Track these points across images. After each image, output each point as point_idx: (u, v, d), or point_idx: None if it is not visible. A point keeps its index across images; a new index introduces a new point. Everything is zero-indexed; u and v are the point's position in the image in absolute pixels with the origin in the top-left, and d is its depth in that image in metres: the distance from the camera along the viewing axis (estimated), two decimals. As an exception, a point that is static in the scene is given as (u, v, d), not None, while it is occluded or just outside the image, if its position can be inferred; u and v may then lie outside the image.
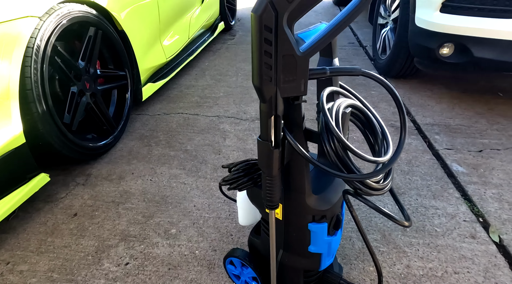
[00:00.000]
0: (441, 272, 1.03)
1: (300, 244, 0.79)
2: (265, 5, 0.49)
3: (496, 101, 2.03)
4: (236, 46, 3.21)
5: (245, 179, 0.73)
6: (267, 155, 0.62)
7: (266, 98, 0.56)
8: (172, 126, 1.85)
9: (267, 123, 0.59)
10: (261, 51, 0.52)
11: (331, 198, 0.75)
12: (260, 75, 0.54)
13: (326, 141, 0.64)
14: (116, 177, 1.48)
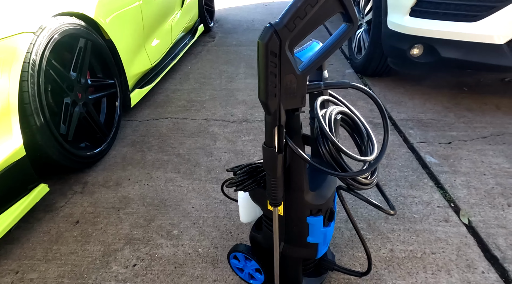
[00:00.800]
0: (420, 253, 1.16)
1: (299, 236, 0.88)
2: (271, 34, 0.58)
3: (462, 96, 2.21)
4: (217, 48, 3.27)
5: (250, 181, 0.81)
6: (272, 159, 0.71)
7: (271, 111, 0.65)
8: (162, 131, 1.91)
9: (272, 132, 0.68)
10: (268, 72, 0.60)
11: (325, 194, 0.85)
12: (267, 92, 0.63)
13: (322, 144, 0.74)
14: (113, 183, 1.52)
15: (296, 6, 0.57)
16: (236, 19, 4.36)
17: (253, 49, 3.20)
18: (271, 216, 0.90)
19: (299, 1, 0.57)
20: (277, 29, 0.57)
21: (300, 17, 0.58)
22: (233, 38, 3.57)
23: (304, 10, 0.57)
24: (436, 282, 1.07)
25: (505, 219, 1.28)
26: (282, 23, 0.58)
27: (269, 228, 0.93)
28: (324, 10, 0.59)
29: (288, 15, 0.57)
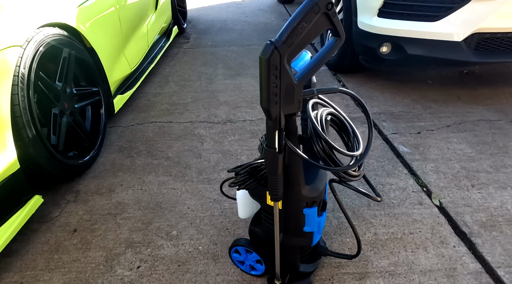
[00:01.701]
0: (400, 234, 1.30)
1: (297, 226, 0.98)
2: (272, 50, 0.66)
3: (427, 88, 2.40)
4: (193, 49, 3.30)
5: (251, 180, 0.89)
6: (274, 159, 0.79)
7: (273, 117, 0.73)
8: (148, 136, 1.94)
9: (273, 135, 0.76)
10: (270, 83, 0.68)
11: (318, 187, 0.95)
12: (269, 100, 0.71)
13: (316, 143, 0.83)
14: (106, 190, 1.55)
15: (293, 25, 0.65)
16: (208, 19, 4.38)
17: (229, 49, 3.25)
18: (270, 210, 0.98)
19: (296, 21, 0.65)
20: (278, 45, 0.65)
21: (297, 35, 0.66)
22: (208, 39, 3.60)
23: (300, 28, 0.66)
24: (416, 258, 1.20)
25: (470, 199, 1.45)
26: (281, 40, 0.66)
27: (268, 221, 1.01)
28: (316, 27, 0.68)
29: (287, 33, 0.66)
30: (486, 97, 2.24)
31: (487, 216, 1.36)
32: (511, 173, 1.57)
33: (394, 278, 1.14)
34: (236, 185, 0.91)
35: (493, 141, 1.81)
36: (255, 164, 0.91)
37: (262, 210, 1.02)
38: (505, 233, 1.28)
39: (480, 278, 1.12)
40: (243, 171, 0.90)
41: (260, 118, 2.07)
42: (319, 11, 0.66)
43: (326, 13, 0.67)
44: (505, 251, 1.21)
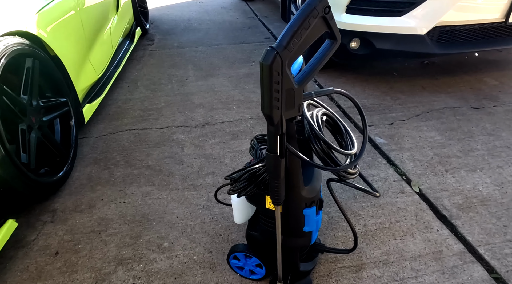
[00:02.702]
0: (388, 223, 1.35)
1: (297, 227, 0.98)
2: (274, 56, 0.65)
3: (394, 80, 2.51)
4: (159, 51, 3.19)
5: (252, 186, 0.88)
6: (276, 165, 0.79)
7: (275, 122, 0.73)
8: (124, 145, 1.85)
9: (275, 140, 0.76)
10: (272, 89, 0.68)
11: (316, 187, 0.96)
12: (271, 106, 0.70)
13: (314, 143, 0.84)
14: (85, 206, 1.46)
15: (294, 30, 0.65)
16: (171, 19, 4.26)
17: (197, 50, 3.19)
18: (269, 214, 0.98)
19: (296, 25, 0.65)
20: (279, 51, 0.65)
21: (297, 39, 0.66)
22: (173, 39, 3.50)
23: (300, 33, 0.66)
24: (405, 245, 1.26)
25: (445, 183, 1.54)
26: (282, 45, 0.65)
27: (267, 224, 1.01)
28: (314, 31, 0.68)
29: (287, 38, 0.65)
30: (447, 85, 2.39)
31: (462, 198, 1.45)
32: (478, 156, 1.69)
33: (388, 266, 1.18)
34: (235, 192, 0.90)
35: (459, 127, 1.93)
36: (252, 169, 0.90)
37: (260, 214, 1.02)
38: (480, 213, 1.38)
39: (464, 258, 1.20)
40: (241, 177, 0.89)
41: (238, 120, 2.06)
42: (317, 15, 0.66)
43: (324, 17, 0.67)
44: (483, 230, 1.30)
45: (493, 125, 1.93)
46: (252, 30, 3.71)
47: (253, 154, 1.04)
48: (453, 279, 1.13)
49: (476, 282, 1.12)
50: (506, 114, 2.01)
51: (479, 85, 2.36)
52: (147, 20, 3.80)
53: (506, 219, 1.35)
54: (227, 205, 1.19)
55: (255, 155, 1.02)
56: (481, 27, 1.96)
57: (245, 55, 3.01)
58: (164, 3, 5.08)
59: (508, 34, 2.03)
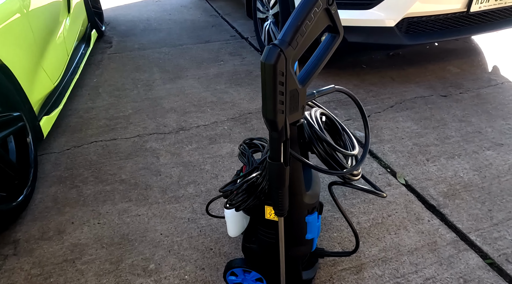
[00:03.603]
0: (380, 219, 1.34)
1: (299, 235, 0.92)
2: (278, 55, 0.57)
3: (364, 73, 2.54)
4: (119, 54, 2.99)
5: (252, 199, 0.81)
6: (280, 173, 0.72)
7: (279, 127, 0.65)
8: (92, 159, 1.69)
9: (279, 148, 0.69)
10: (276, 92, 0.60)
11: (317, 191, 0.90)
12: (275, 110, 0.63)
13: (317, 145, 0.78)
14: (53, 232, 1.30)
15: (297, 24, 0.58)
16: (128, 19, 4.02)
17: (160, 51, 3.03)
18: (269, 225, 0.91)
19: (300, 19, 0.58)
20: (283, 48, 0.58)
21: (301, 34, 0.59)
22: (133, 41, 3.30)
23: (304, 27, 0.59)
24: (400, 240, 1.25)
25: (428, 172, 1.56)
26: (286, 41, 0.58)
27: (267, 236, 0.94)
28: (316, 25, 0.62)
29: (291, 33, 0.58)
30: (414, 75, 2.45)
31: (446, 186, 1.48)
32: (454, 143, 1.74)
33: (387, 263, 1.16)
34: (234, 206, 0.82)
35: (432, 115, 1.98)
36: (250, 179, 0.82)
37: (258, 225, 0.94)
38: (465, 199, 1.41)
39: (458, 246, 1.21)
40: (239, 189, 0.81)
41: (214, 122, 1.96)
42: (321, 7, 0.60)
43: (327, 9, 0.61)
44: (470, 216, 1.33)
45: (463, 111, 1.99)
46: (216, 28, 3.60)
47: (244, 160, 0.96)
48: (451, 269, 1.13)
49: (473, 270, 1.13)
50: (472, 100, 2.10)
51: (443, 74, 2.44)
52: (102, 22, 3.55)
53: (490, 203, 1.38)
54: (220, 217, 1.10)
55: (248, 162, 0.94)
56: (445, 17, 2.02)
57: (212, 55, 2.90)
58: (119, 3, 4.80)
59: (470, 23, 2.11)
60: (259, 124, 1.93)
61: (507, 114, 1.93)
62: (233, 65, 2.69)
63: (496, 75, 2.36)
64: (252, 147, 1.02)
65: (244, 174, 0.87)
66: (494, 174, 1.52)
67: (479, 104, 2.05)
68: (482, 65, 2.51)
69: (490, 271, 1.12)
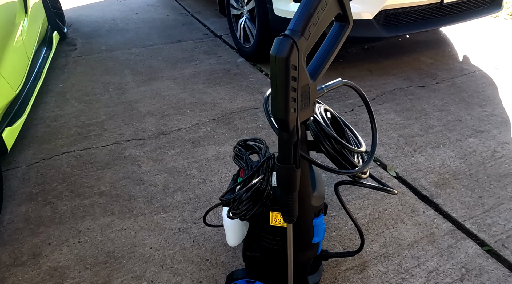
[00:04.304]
0: (377, 213, 1.32)
1: (306, 240, 0.87)
2: (291, 46, 0.51)
3: (342, 67, 2.54)
4: (85, 57, 2.80)
5: (257, 207, 0.74)
6: (291, 177, 0.66)
7: (291, 127, 0.59)
8: (65, 171, 1.55)
9: (290, 149, 0.63)
10: (289, 88, 0.54)
11: (322, 192, 0.86)
12: (287, 108, 0.56)
13: (324, 143, 0.73)
14: (28, 256, 1.17)
15: (310, 12, 0.52)
16: (91, 20, 3.80)
17: (130, 52, 2.87)
18: (274, 231, 0.85)
19: (312, 7, 0.52)
20: (296, 39, 0.52)
21: (314, 23, 0.53)
22: (100, 42, 3.12)
23: (317, 15, 0.53)
24: (399, 233, 1.23)
25: (417, 163, 1.57)
26: (298, 31, 0.52)
27: (271, 243, 0.88)
28: (327, 14, 0.56)
29: (303, 22, 0.52)
30: (391, 67, 2.48)
31: (436, 176, 1.49)
32: (437, 132, 1.76)
33: (389, 259, 1.14)
34: (238, 216, 0.75)
35: (413, 106, 2.00)
36: (254, 185, 0.76)
37: (262, 232, 0.88)
38: (456, 187, 1.42)
39: (455, 236, 1.21)
40: (243, 197, 0.74)
41: (196, 124, 1.87)
42: (333, -7, 0.54)
43: (339, -5, 0.56)
44: (463, 205, 1.34)
45: (441, 101, 2.03)
46: (187, 27, 3.48)
47: (242, 164, 0.89)
48: (452, 260, 1.13)
49: (473, 259, 1.13)
50: (449, 90, 2.15)
51: (418, 65, 2.49)
52: (63, 23, 3.32)
53: (479, 189, 1.40)
54: (218, 226, 1.02)
55: (246, 165, 0.87)
56: (421, 8, 2.04)
57: (186, 54, 2.79)
58: (80, 3, 4.53)
59: (444, 14, 2.16)
60: (243, 124, 1.87)
61: (483, 102, 1.99)
62: (210, 64, 2.60)
63: (467, 64, 2.44)
64: (248, 149, 0.95)
65: (244, 179, 0.81)
66: (479, 161, 1.55)
67: (455, 93, 2.10)
68: (453, 55, 2.58)
69: (489, 258, 1.13)
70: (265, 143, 0.94)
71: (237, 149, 0.95)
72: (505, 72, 2.30)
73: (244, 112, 1.97)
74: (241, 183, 0.81)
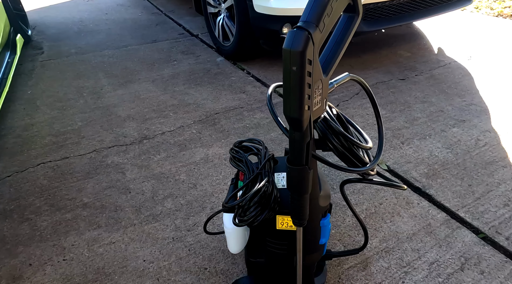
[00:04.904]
0: (373, 208, 1.31)
1: (313, 242, 0.84)
2: (306, 39, 0.47)
3: (323, 62, 2.53)
4: (53, 61, 2.64)
5: (266, 212, 0.70)
6: (303, 178, 0.62)
7: (304, 126, 0.56)
8: (42, 184, 1.43)
9: (303, 150, 0.59)
10: (304, 84, 0.50)
11: (328, 191, 0.83)
12: (301, 106, 0.53)
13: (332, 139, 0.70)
14: (6, 280, 1.06)
15: (325, 2, 0.48)
16: (58, 21, 3.60)
17: (103, 54, 2.74)
18: (280, 235, 0.81)
19: (327, -4, 0.48)
20: (311, 31, 0.48)
21: (328, 15, 0.50)
22: (69, 45, 2.95)
23: (331, 6, 0.49)
24: (396, 227, 1.23)
25: (407, 155, 1.58)
26: (313, 23, 0.48)
27: (278, 247, 0.84)
28: (339, 4, 0.53)
29: (318, 14, 0.48)
30: (371, 62, 2.51)
31: (426, 167, 1.50)
32: (422, 124, 1.79)
33: (390, 254, 1.13)
34: (246, 222, 0.70)
35: (396, 99, 2.03)
36: (261, 188, 0.72)
37: (267, 237, 0.84)
38: (446, 177, 1.44)
39: (451, 225, 1.23)
40: (250, 203, 0.69)
41: (180, 127, 1.80)
42: (346, -19, 0.51)
43: (351, -17, 0.52)
44: (454, 194, 1.36)
45: (422, 92, 2.07)
46: (161, 27, 3.37)
47: (241, 167, 0.85)
48: (451, 250, 1.14)
49: (470, 247, 1.14)
50: (428, 81, 2.19)
51: (396, 58, 2.53)
52: (27, 25, 3.12)
53: (468, 178, 1.43)
54: (219, 233, 0.97)
55: (247, 168, 0.83)
56: (399, 2, 2.07)
57: (163, 55, 2.70)
58: (44, 4, 4.29)
59: (421, 7, 2.20)
60: (229, 124, 1.81)
61: (461, 92, 2.05)
62: (189, 65, 2.52)
63: (443, 56, 2.51)
64: (245, 151, 0.91)
65: (246, 183, 0.76)
66: (465, 150, 1.59)
67: (434, 84, 2.15)
68: (428, 48, 2.65)
69: (485, 245, 1.15)
70: (263, 143, 0.90)
71: (234, 151, 0.90)
72: (478, 62, 2.38)
73: (229, 112, 1.91)
74: (243, 187, 0.77)
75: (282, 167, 0.89)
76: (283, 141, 1.67)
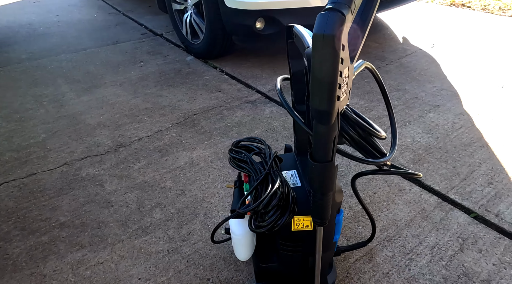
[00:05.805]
0: (368, 198, 1.31)
1: (327, 239, 0.80)
2: (340, 21, 0.43)
3: (295, 56, 2.52)
4: (2, 68, 2.39)
5: (286, 215, 0.65)
6: (330, 174, 0.58)
7: (333, 119, 0.51)
8: (8, 206, 1.27)
9: (330, 145, 0.55)
10: (337, 73, 0.46)
11: (339, 185, 0.79)
12: (332, 98, 0.48)
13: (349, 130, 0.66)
14: (-20, 321, 0.92)
15: (356, -20, 0.44)
16: (2, 25, 3.27)
17: (59, 59, 2.52)
18: (295, 236, 0.77)
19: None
20: (345, 13, 0.43)
21: (359, -6, 0.45)
22: (18, 51, 2.69)
23: (361, -16, 0.45)
24: (393, 215, 1.24)
25: (388, 145, 1.60)
26: (345, 4, 0.44)
27: (293, 249, 0.80)
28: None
29: (349, -7, 0.44)
30: (341, 54, 2.53)
31: (411, 153, 1.53)
32: (400, 111, 1.83)
33: (392, 242, 1.13)
34: (266, 228, 0.65)
35: (372, 89, 2.06)
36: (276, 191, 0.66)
37: (280, 241, 0.79)
38: (431, 161, 1.48)
39: (444, 208, 1.25)
40: (269, 207, 0.64)
41: (158, 131, 1.69)
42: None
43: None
44: (442, 177, 1.40)
45: (395, 81, 2.12)
46: (121, 27, 3.18)
47: (246, 168, 0.79)
48: (448, 232, 1.16)
49: (465, 227, 1.17)
50: (399, 70, 2.25)
51: (365, 49, 2.58)
52: (-33, 31, 2.80)
53: (451, 160, 1.48)
54: (226, 241, 0.91)
55: (253, 168, 0.77)
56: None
57: (127, 56, 2.54)
58: (-17, 7, 3.89)
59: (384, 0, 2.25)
60: (210, 124, 1.74)
61: (431, 78, 2.13)
62: (157, 65, 2.39)
63: (408, 45, 2.60)
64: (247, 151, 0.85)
65: (255, 185, 0.71)
66: (444, 134, 1.64)
67: (405, 73, 2.21)
68: (394, 38, 2.73)
69: (478, 224, 1.19)
70: (265, 141, 0.85)
71: (235, 152, 0.84)
72: (441, 49, 2.49)
73: (208, 112, 1.83)
74: (253, 190, 0.71)
75: (286, 165, 0.85)
76: (267, 138, 1.63)
